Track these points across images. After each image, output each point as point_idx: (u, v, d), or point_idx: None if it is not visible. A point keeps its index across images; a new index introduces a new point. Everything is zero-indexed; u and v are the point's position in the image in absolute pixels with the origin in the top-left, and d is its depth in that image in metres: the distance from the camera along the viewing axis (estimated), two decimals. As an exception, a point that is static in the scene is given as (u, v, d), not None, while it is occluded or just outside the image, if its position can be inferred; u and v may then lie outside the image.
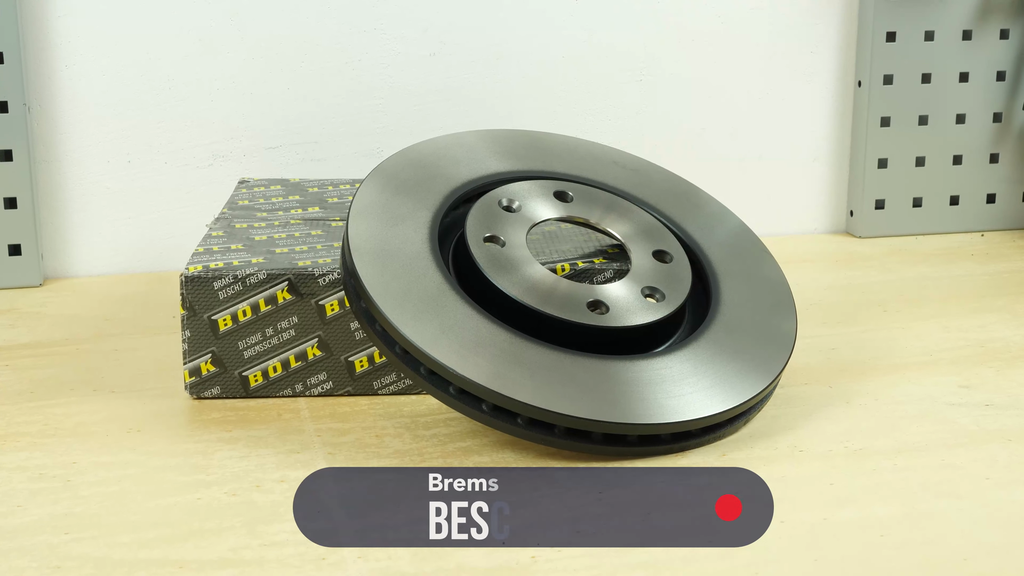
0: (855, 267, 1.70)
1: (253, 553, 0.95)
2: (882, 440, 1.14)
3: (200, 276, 1.20)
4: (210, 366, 1.22)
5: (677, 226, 1.30)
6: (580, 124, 1.73)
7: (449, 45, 1.68)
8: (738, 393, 1.14)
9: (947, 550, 0.96)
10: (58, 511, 1.02)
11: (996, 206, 1.84)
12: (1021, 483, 1.07)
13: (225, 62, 1.63)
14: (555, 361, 1.10)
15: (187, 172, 1.65)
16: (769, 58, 1.78)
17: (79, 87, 1.60)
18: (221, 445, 1.13)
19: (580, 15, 1.71)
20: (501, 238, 1.20)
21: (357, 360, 1.23)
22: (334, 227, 1.34)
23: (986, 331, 1.42)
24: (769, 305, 1.25)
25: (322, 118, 1.67)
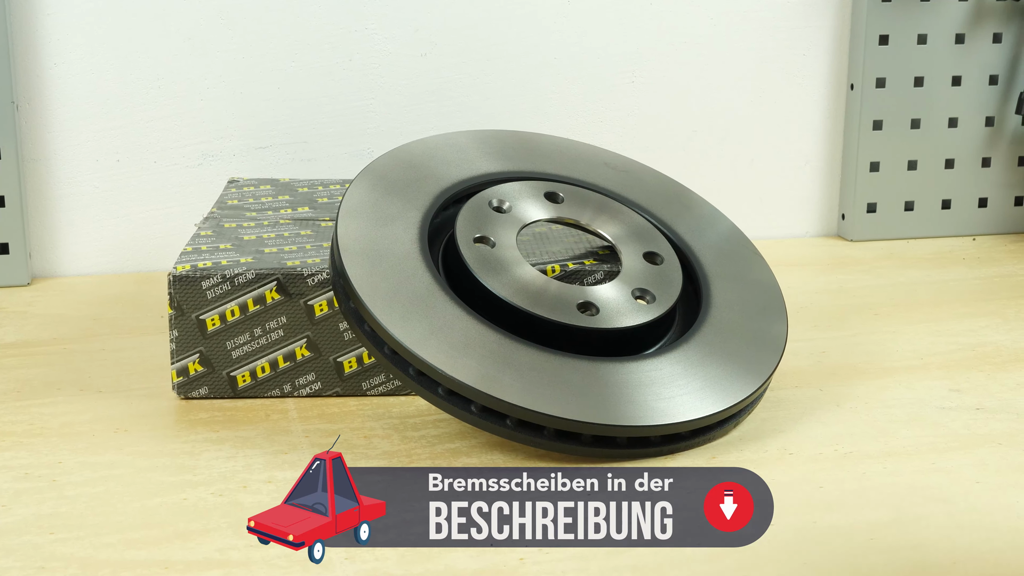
0: (846, 271, 1.69)
1: (239, 554, 0.95)
2: (872, 443, 1.14)
3: (188, 276, 1.19)
4: (198, 366, 1.21)
5: (668, 228, 1.29)
6: (571, 125, 1.72)
7: (440, 46, 1.68)
8: (728, 396, 1.14)
9: (936, 554, 0.96)
10: (43, 511, 1.01)
11: (988, 210, 1.84)
12: (1011, 487, 1.07)
13: (215, 61, 1.63)
14: (545, 362, 1.10)
15: (176, 171, 1.64)
16: (761, 61, 1.78)
17: (68, 85, 1.60)
18: (208, 445, 1.13)
19: (572, 16, 1.71)
20: (491, 239, 1.19)
21: (346, 361, 1.22)
22: (323, 227, 1.34)
23: (977, 335, 1.42)
24: (760, 308, 1.25)
25: (312, 118, 1.66)
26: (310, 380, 1.22)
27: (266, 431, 1.16)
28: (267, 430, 1.16)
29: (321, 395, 1.23)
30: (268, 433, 1.15)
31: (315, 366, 1.22)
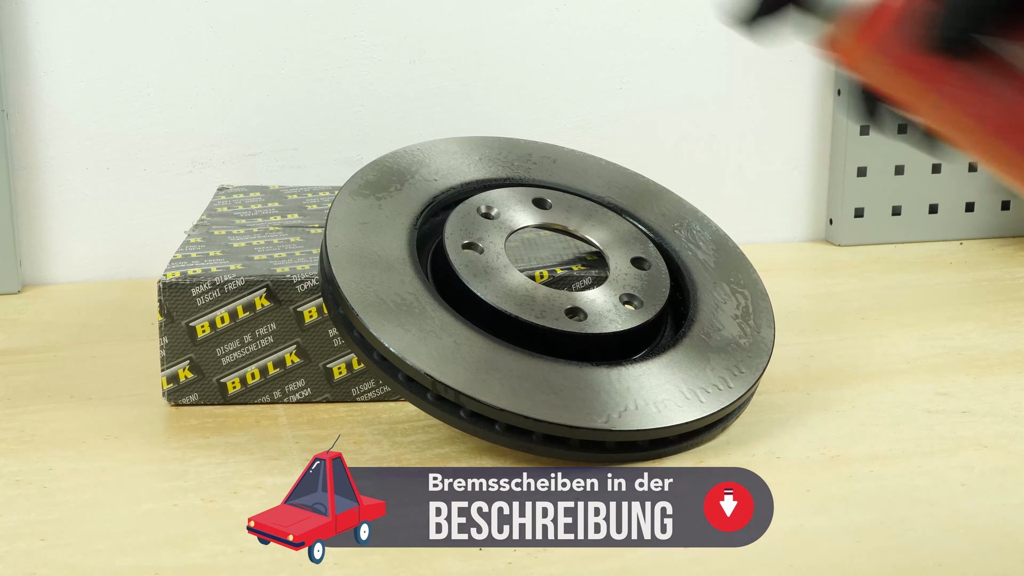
0: (834, 275, 1.70)
1: (229, 560, 0.95)
2: (859, 447, 1.15)
3: (178, 283, 1.20)
4: (188, 373, 1.21)
5: (655, 233, 1.30)
6: (559, 132, 1.73)
7: (429, 53, 1.68)
8: (716, 400, 1.14)
9: (922, 557, 0.96)
10: (34, 518, 1.01)
11: (975, 215, 1.85)
12: (996, 490, 1.07)
13: (204, 69, 1.63)
14: (533, 368, 1.10)
15: (166, 179, 1.64)
16: (748, 67, 1.78)
17: (58, 93, 1.60)
18: (198, 452, 1.13)
19: (560, 23, 1.72)
20: (480, 245, 1.20)
21: (335, 367, 1.22)
22: (313, 234, 1.34)
23: (964, 339, 1.43)
24: (747, 312, 1.25)
25: (301, 125, 1.67)
26: (300, 386, 1.23)
27: (256, 437, 1.16)
28: (257, 436, 1.16)
29: (311, 401, 1.23)
30: (258, 439, 1.16)
31: (305, 372, 1.22)
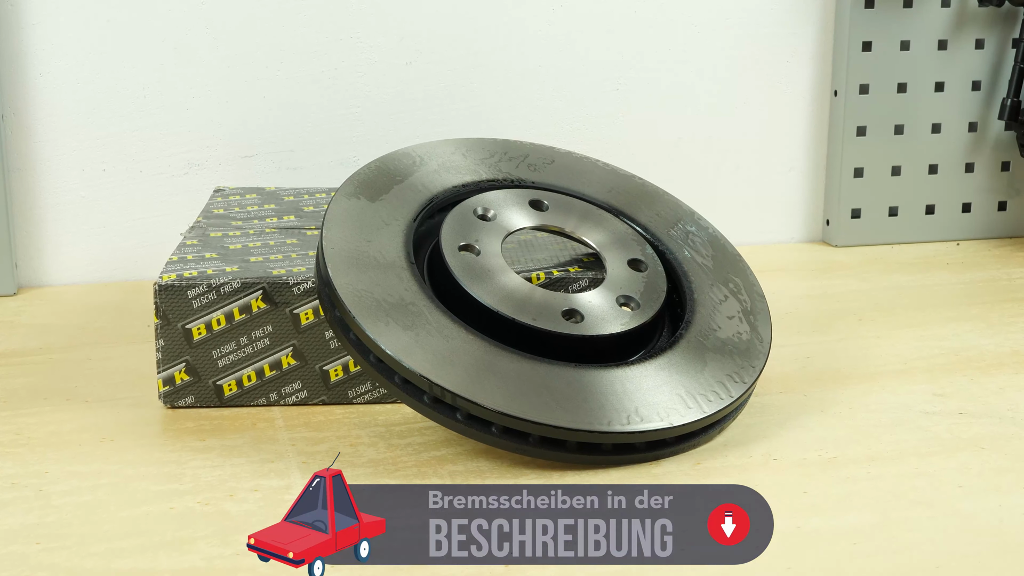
0: (831, 276, 1.70)
1: (226, 563, 0.95)
2: (856, 448, 1.15)
3: (174, 285, 1.20)
4: (184, 375, 1.21)
5: (652, 234, 1.30)
6: (557, 133, 1.73)
7: (426, 54, 1.68)
8: (713, 402, 1.14)
9: (919, 559, 0.96)
10: (30, 521, 1.01)
11: (971, 215, 1.85)
12: (994, 492, 1.07)
13: (200, 71, 1.63)
14: (530, 370, 1.10)
15: (162, 181, 1.64)
16: (745, 68, 1.78)
17: (53, 95, 1.60)
18: (195, 454, 1.13)
19: (557, 24, 1.72)
20: (476, 247, 1.20)
21: (332, 369, 1.22)
22: (309, 236, 1.34)
23: (961, 340, 1.43)
24: (744, 313, 1.25)
25: (298, 127, 1.67)
26: (296, 388, 1.23)
27: (252, 440, 1.16)
28: (253, 439, 1.16)
29: (307, 403, 1.23)
30: (254, 442, 1.16)
31: (301, 375, 1.22)
